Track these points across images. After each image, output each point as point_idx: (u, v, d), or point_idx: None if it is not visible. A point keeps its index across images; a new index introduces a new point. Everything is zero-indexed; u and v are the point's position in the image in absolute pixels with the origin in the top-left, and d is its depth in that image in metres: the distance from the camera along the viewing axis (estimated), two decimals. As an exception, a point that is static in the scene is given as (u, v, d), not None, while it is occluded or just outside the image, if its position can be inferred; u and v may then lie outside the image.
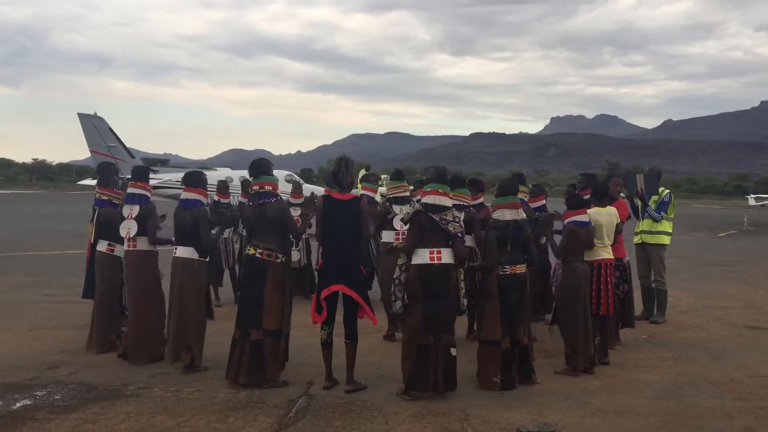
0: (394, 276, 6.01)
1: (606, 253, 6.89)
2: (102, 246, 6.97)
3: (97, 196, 7.18)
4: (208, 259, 6.52)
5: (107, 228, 6.91)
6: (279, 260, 6.01)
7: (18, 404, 5.32)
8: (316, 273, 10.62)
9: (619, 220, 7.17)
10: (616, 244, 7.21)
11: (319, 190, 20.39)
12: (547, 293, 7.91)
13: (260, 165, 6.18)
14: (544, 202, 8.52)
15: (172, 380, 6.01)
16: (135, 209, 6.65)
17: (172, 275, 6.43)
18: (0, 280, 11.63)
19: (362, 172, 10.73)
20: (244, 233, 9.33)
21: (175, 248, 6.42)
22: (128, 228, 6.61)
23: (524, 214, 6.26)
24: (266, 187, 6.08)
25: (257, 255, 5.97)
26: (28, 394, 5.57)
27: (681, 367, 6.88)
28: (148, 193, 6.80)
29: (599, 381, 6.28)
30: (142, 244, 6.66)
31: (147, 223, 6.62)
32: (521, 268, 6.11)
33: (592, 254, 6.81)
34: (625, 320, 7.69)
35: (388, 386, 5.90)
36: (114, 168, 7.64)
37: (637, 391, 6.00)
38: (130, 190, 6.79)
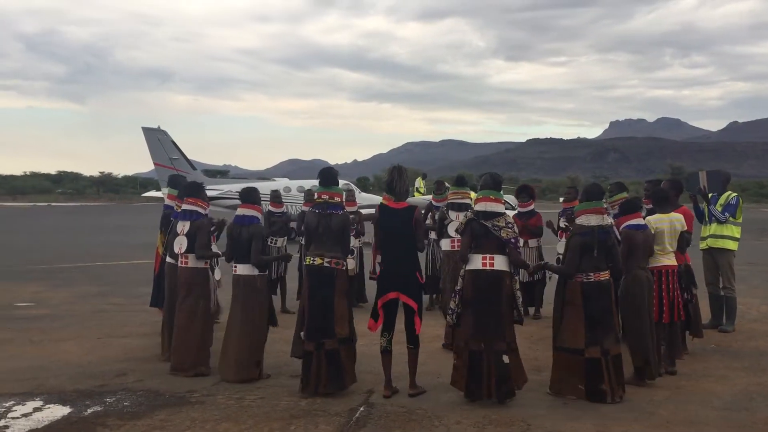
0: (457, 287, 5.96)
1: (668, 260, 6.72)
2: (196, 260, 6.80)
3: (175, 208, 7.31)
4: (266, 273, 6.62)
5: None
6: (344, 267, 6.07)
7: (89, 410, 5.50)
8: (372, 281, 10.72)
9: (684, 228, 6.95)
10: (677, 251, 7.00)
11: (376, 199, 20.48)
12: None
13: (331, 175, 6.20)
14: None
15: (235, 388, 6.11)
16: (186, 225, 6.72)
17: (234, 292, 6.49)
18: (69, 291, 12.05)
19: (419, 181, 10.81)
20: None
21: (235, 266, 6.48)
22: (180, 244, 6.71)
23: (610, 220, 6.11)
24: (336, 198, 6.13)
25: (325, 264, 5.95)
26: (98, 400, 5.75)
27: (752, 377, 6.63)
28: (200, 209, 6.81)
29: (666, 391, 6.10)
30: (193, 260, 6.71)
31: (197, 237, 6.66)
32: (605, 275, 5.92)
33: (653, 260, 6.64)
34: (693, 329, 7.46)
35: (449, 395, 5.86)
36: (185, 180, 7.85)
37: (707, 402, 5.81)
38: (183, 206, 6.87)
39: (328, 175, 6.19)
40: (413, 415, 5.41)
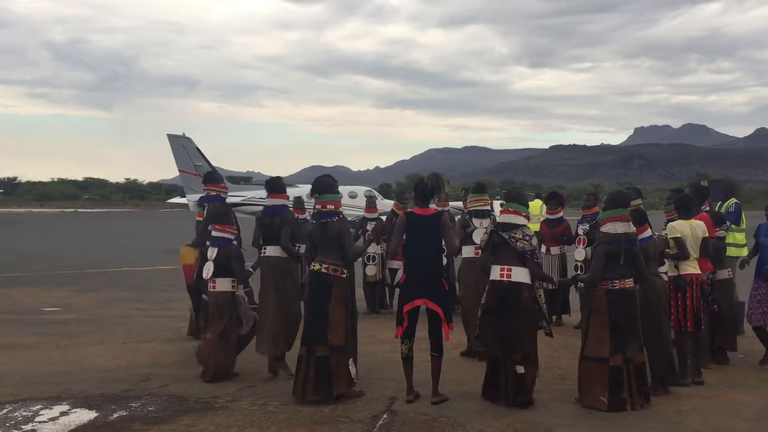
0: (482, 300, 5.96)
1: (691, 268, 6.62)
2: (224, 285, 6.86)
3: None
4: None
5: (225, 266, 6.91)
6: (344, 275, 6.05)
7: (115, 415, 5.54)
8: (386, 288, 10.70)
9: (705, 234, 6.83)
10: (702, 259, 6.88)
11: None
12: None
13: (325, 183, 6.21)
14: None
15: (258, 393, 6.13)
16: (215, 252, 6.80)
17: (262, 274, 6.68)
18: (95, 296, 12.20)
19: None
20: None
21: (265, 248, 6.68)
22: (208, 270, 6.79)
23: (634, 228, 6.07)
24: (329, 206, 6.12)
25: (323, 270, 5.99)
26: (124, 405, 5.79)
27: (783, 387, 6.50)
28: (228, 235, 6.89)
29: (693, 402, 6.01)
30: (222, 285, 6.77)
31: (231, 265, 6.74)
32: (630, 282, 5.88)
33: (684, 268, 6.56)
34: (723, 339, 7.36)
35: (472, 403, 5.84)
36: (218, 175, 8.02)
37: (735, 413, 5.71)
38: (213, 232, 6.93)
39: (319, 186, 6.21)
40: (436, 422, 5.38)
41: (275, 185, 6.87)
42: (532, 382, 5.82)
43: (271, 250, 6.66)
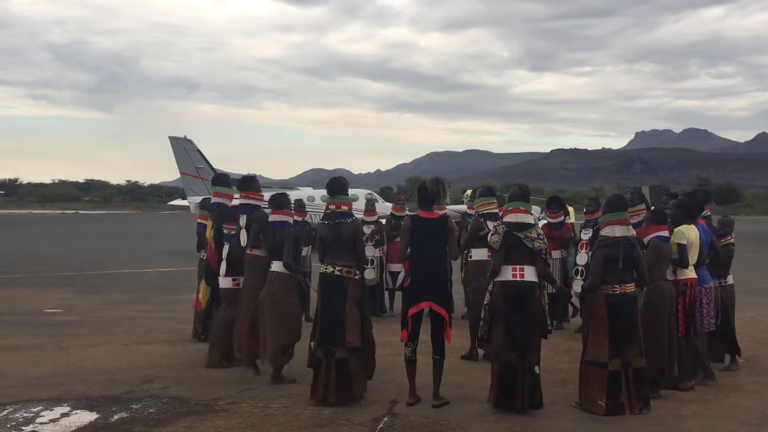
0: (485, 302, 5.94)
1: (691, 272, 6.62)
2: (226, 282, 7.22)
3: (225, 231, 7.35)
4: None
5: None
6: (357, 276, 6.08)
7: (115, 417, 5.54)
8: (387, 292, 10.69)
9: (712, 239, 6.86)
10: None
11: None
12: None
13: (338, 184, 6.24)
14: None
15: (259, 396, 6.13)
16: (244, 218, 6.97)
17: (267, 287, 6.60)
18: (96, 297, 12.20)
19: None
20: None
21: (272, 263, 6.64)
22: (242, 237, 6.98)
23: (633, 231, 6.07)
24: (343, 207, 6.14)
25: (336, 272, 6.01)
26: (124, 407, 5.80)
27: (783, 392, 6.50)
28: (254, 201, 7.07)
29: (694, 406, 6.01)
30: (257, 249, 6.95)
31: (250, 230, 6.89)
32: (631, 287, 5.88)
33: (681, 273, 6.56)
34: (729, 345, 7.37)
35: (472, 406, 5.84)
36: (227, 178, 8.04)
37: (736, 418, 5.71)
38: (240, 201, 7.11)
39: (335, 185, 6.23)
40: (437, 426, 5.39)
41: (276, 201, 6.75)
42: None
43: (276, 266, 6.57)
